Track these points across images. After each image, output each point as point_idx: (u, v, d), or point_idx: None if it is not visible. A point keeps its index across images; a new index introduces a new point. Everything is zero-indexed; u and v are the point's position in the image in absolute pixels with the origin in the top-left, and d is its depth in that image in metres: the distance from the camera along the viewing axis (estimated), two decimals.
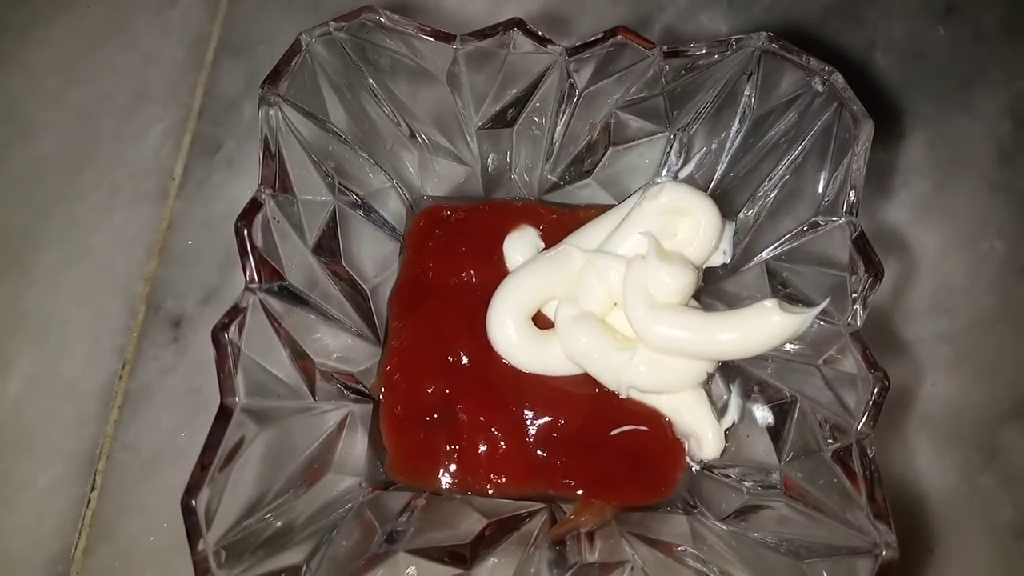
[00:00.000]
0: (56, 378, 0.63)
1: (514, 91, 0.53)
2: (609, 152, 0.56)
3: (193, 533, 0.40)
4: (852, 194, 0.46)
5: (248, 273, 0.46)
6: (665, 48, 0.49)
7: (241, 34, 0.73)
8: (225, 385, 0.43)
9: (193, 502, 0.40)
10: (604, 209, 0.56)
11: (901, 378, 0.61)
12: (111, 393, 0.63)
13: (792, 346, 0.50)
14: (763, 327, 0.48)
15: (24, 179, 0.69)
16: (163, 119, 0.70)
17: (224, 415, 0.43)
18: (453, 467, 0.52)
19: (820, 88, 0.48)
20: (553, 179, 0.58)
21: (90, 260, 0.67)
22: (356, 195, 0.55)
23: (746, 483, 0.50)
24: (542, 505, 0.51)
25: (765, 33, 0.48)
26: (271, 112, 0.47)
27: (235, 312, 0.45)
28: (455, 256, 0.56)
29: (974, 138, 0.70)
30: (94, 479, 0.61)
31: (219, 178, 0.68)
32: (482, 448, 0.52)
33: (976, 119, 0.70)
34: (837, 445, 0.45)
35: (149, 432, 0.62)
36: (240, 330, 0.45)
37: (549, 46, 0.49)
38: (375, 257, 0.57)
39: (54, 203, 0.68)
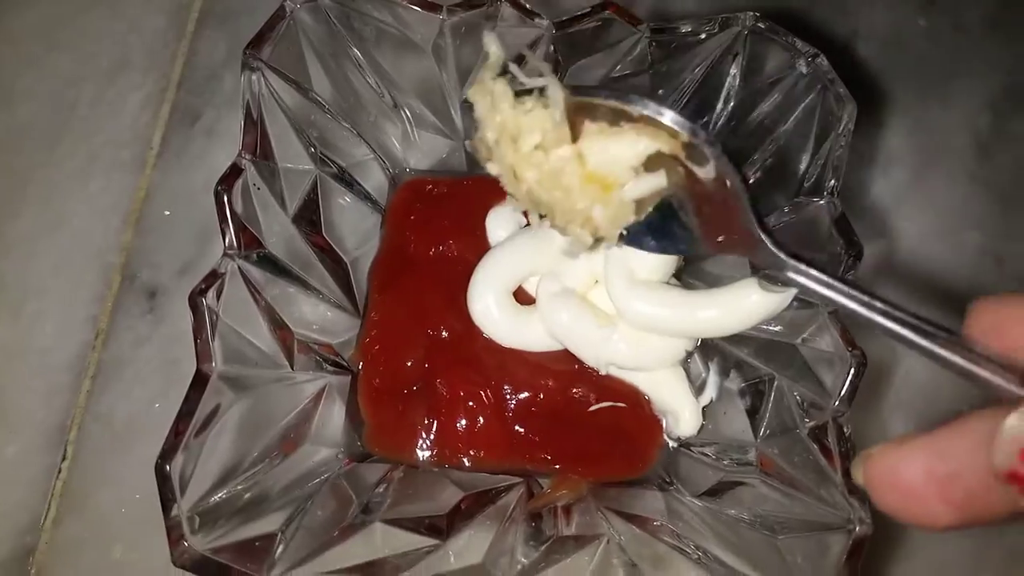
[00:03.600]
0: (29, 347, 0.62)
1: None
2: None
3: (167, 498, 0.39)
4: (834, 175, 0.47)
5: (227, 239, 0.45)
6: (652, 25, 0.49)
7: (223, 3, 0.72)
8: (202, 351, 0.43)
9: (167, 467, 0.39)
10: None
11: (877, 360, 0.62)
12: (84, 363, 0.62)
13: (771, 326, 0.50)
14: (743, 305, 0.48)
15: (2, 145, 0.68)
16: (143, 87, 0.69)
17: (200, 381, 0.43)
18: (431, 440, 0.52)
19: (805, 70, 0.48)
20: None
21: (66, 228, 0.66)
22: (338, 166, 0.55)
23: (722, 460, 0.51)
24: (519, 479, 0.51)
25: (751, 13, 0.48)
26: (254, 77, 0.47)
27: (213, 277, 0.44)
28: (437, 230, 0.56)
29: (953, 129, 0.70)
30: (65, 449, 0.60)
31: (198, 148, 0.68)
32: (461, 422, 0.52)
33: (955, 110, 0.71)
34: (813, 423, 0.45)
35: (122, 403, 0.61)
36: (218, 296, 0.44)
37: (536, 19, 0.49)
38: (356, 229, 0.57)
39: (32, 170, 0.67)
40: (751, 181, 0.53)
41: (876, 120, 0.70)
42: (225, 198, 0.45)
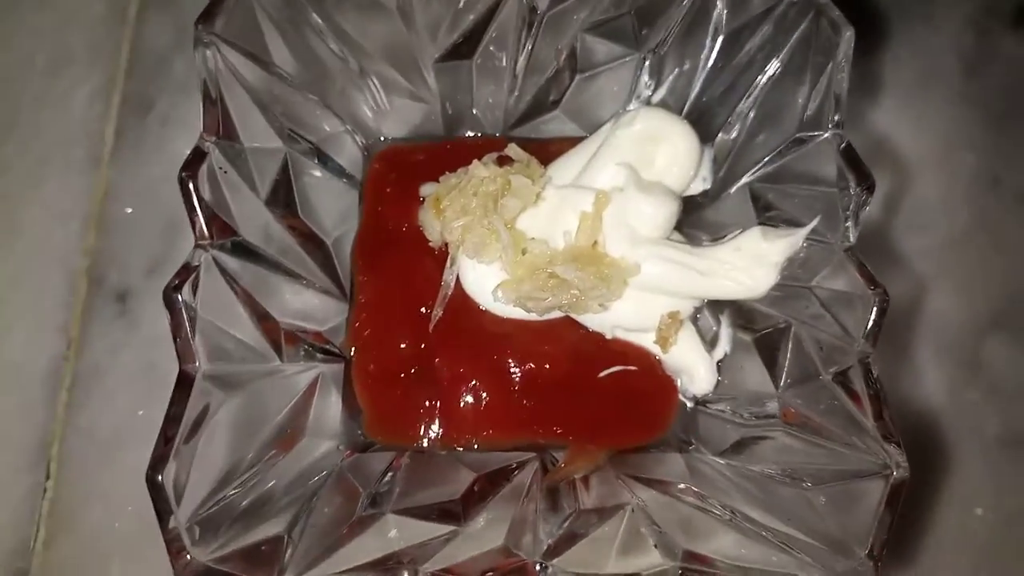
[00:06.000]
0: None
1: (471, 18, 0.49)
2: (576, 80, 0.53)
3: (162, 510, 0.37)
4: (837, 105, 0.44)
5: (197, 228, 0.42)
6: None
7: None
8: (183, 350, 0.40)
9: (159, 477, 0.37)
10: (575, 142, 0.53)
11: (898, 296, 0.60)
12: (59, 375, 0.59)
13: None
14: (752, 258, 0.46)
15: None
16: (88, 80, 0.65)
17: (185, 383, 0.40)
18: (435, 423, 0.49)
19: None
20: (518, 113, 0.55)
21: (23, 236, 0.62)
22: (308, 142, 0.51)
23: (742, 415, 0.48)
24: (532, 455, 0.49)
25: None
26: (208, 53, 0.43)
27: (187, 271, 0.41)
28: (418, 200, 0.52)
29: (938, 50, 0.68)
30: (48, 467, 0.57)
31: (154, 139, 0.64)
32: (465, 401, 0.49)
33: (938, 31, 0.68)
34: (837, 368, 0.43)
35: (104, 413, 0.58)
36: (194, 290, 0.41)
37: None
38: (334, 207, 0.53)
39: None
40: (747, 122, 0.50)
41: (861, 46, 0.67)
42: (191, 185, 0.42)
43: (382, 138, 0.56)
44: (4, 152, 0.63)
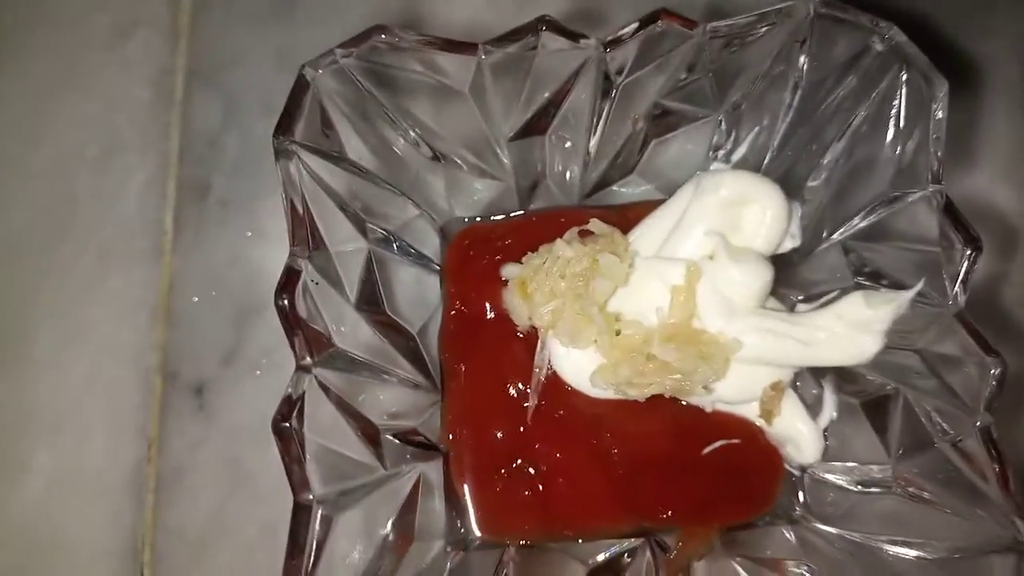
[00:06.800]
0: (79, 472, 0.58)
1: (545, 95, 0.47)
2: (652, 144, 0.52)
3: None
4: (936, 159, 0.43)
5: (298, 351, 0.41)
6: (709, 26, 0.44)
7: (209, 59, 0.65)
8: (299, 481, 0.39)
9: None
10: (653, 205, 0.51)
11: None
12: (142, 478, 0.58)
13: None
14: (855, 325, 0.45)
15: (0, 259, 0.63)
16: (141, 168, 0.63)
17: (302, 513, 0.39)
18: (538, 514, 0.48)
19: (880, 47, 0.44)
20: (593, 180, 0.54)
21: (91, 336, 0.61)
22: (386, 231, 0.50)
23: (854, 484, 0.47)
24: (641, 540, 0.48)
25: None
26: (291, 164, 0.42)
27: (292, 399, 0.40)
28: (500, 281, 0.51)
29: (1004, 63, 0.65)
30: (141, 573, 0.56)
31: (214, 223, 0.62)
32: (566, 489, 0.48)
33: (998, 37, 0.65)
34: (953, 436, 0.42)
35: (190, 513, 0.57)
36: (300, 415, 0.40)
37: (583, 41, 0.44)
38: (415, 296, 0.52)
39: (38, 280, 0.62)
40: (833, 175, 0.49)
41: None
42: (286, 305, 0.40)
43: (457, 218, 0.55)
44: (64, 250, 0.62)
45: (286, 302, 0.40)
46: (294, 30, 0.65)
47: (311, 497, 0.39)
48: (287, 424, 0.39)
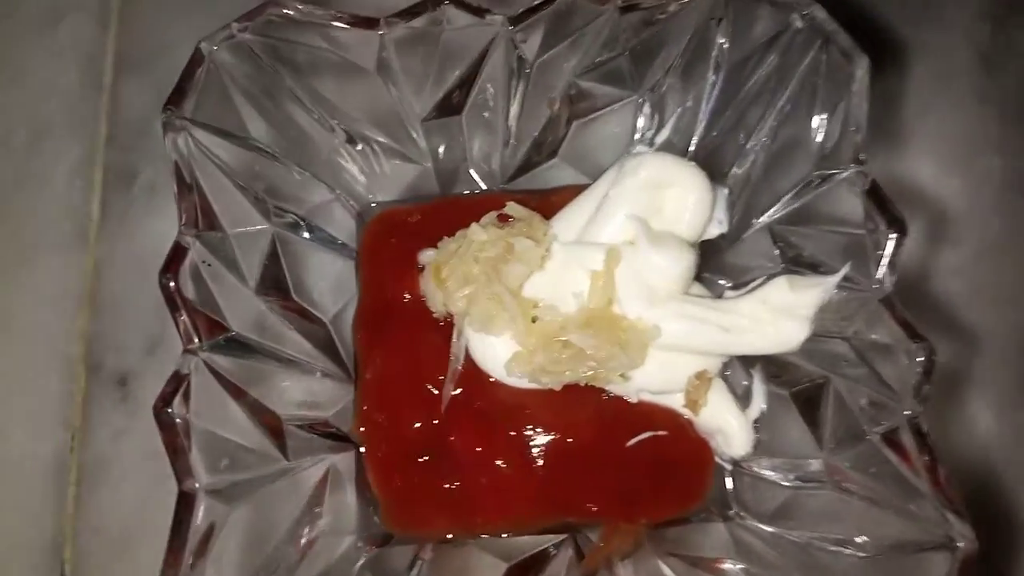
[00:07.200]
0: (1, 462, 0.57)
1: (456, 73, 0.46)
2: (574, 126, 0.50)
3: None
4: (857, 139, 0.41)
5: (183, 332, 0.39)
6: (620, 3, 0.42)
7: (140, 45, 0.64)
8: (180, 468, 0.37)
9: None
10: (578, 190, 0.50)
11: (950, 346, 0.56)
12: (64, 470, 0.56)
13: None
14: (780, 311, 0.43)
15: None
16: (68, 154, 0.62)
17: (186, 502, 0.37)
18: (456, 509, 0.46)
19: (800, 24, 0.42)
20: (515, 164, 0.52)
21: (13, 324, 0.59)
22: (295, 215, 0.48)
23: (787, 477, 0.45)
24: (564, 536, 0.46)
25: None
26: (179, 138, 0.40)
27: (176, 381, 0.38)
28: (417, 267, 0.49)
29: (952, 49, 0.64)
30: (62, 569, 0.55)
31: (141, 211, 0.61)
32: (485, 482, 0.46)
33: (951, 29, 0.64)
34: (884, 426, 0.40)
35: (114, 508, 0.56)
36: (186, 400, 0.39)
37: (488, 16, 0.42)
38: (329, 282, 0.50)
39: None
40: (759, 158, 0.47)
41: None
42: (172, 286, 0.39)
43: (375, 203, 0.53)
44: None
45: (171, 281, 0.39)
46: (225, 17, 0.63)
47: (197, 486, 0.37)
48: (169, 409, 0.37)
